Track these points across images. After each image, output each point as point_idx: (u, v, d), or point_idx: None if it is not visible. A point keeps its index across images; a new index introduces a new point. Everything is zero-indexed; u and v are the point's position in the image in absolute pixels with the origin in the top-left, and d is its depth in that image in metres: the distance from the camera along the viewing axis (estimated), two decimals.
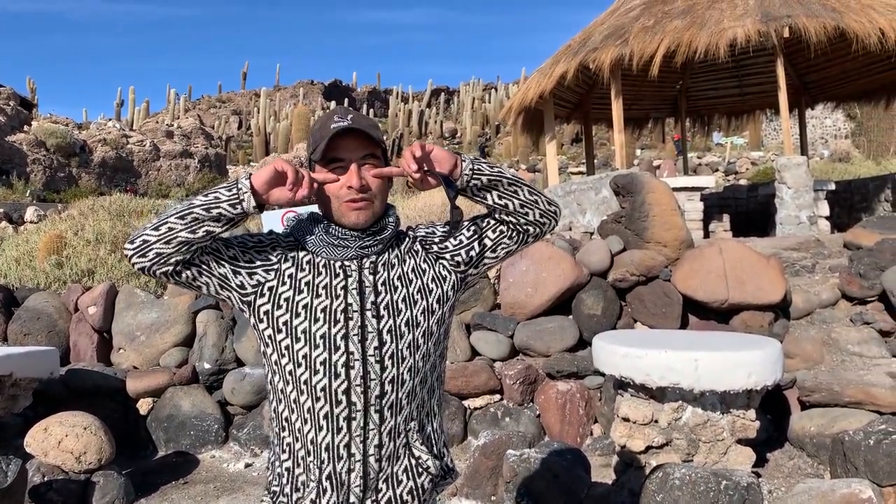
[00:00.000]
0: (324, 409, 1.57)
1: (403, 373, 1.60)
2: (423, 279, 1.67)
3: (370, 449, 1.58)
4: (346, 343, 1.57)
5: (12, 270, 7.30)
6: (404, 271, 1.66)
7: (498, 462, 4.22)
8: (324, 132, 1.57)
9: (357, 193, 1.57)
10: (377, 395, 1.57)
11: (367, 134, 1.57)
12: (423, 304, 1.65)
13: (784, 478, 4.47)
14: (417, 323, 1.63)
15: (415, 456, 1.64)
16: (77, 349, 6.12)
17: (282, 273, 1.62)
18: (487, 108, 47.30)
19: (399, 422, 1.61)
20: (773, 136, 32.49)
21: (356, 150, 1.57)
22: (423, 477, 1.65)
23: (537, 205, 1.66)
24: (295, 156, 13.35)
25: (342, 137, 1.56)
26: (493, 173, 1.61)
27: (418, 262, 1.69)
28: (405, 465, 1.62)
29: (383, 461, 1.60)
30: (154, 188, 20.57)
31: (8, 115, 19.84)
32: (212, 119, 48.93)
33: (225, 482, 4.95)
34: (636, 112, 14.16)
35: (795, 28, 9.15)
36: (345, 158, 1.57)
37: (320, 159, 1.58)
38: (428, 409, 1.70)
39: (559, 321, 5.61)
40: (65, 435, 4.55)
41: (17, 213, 13.28)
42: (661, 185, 6.19)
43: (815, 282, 6.17)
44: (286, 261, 1.64)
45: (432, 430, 1.71)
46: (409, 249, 1.70)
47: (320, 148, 1.56)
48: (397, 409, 1.60)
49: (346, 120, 1.56)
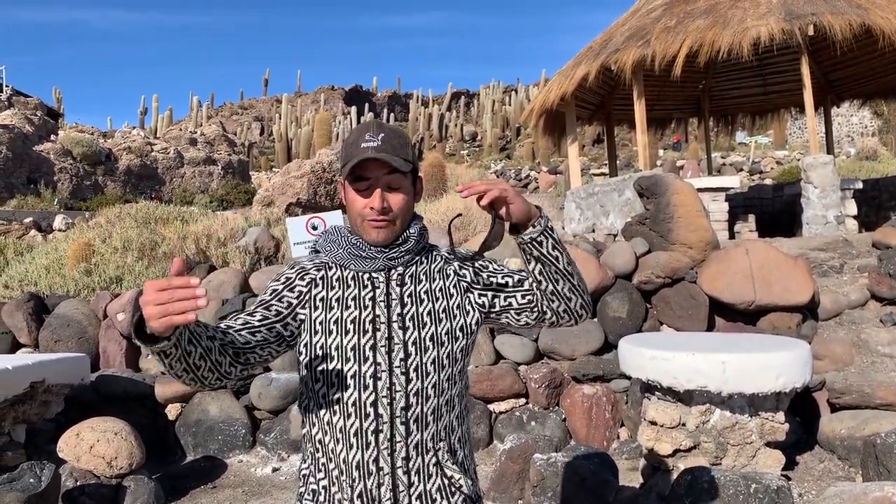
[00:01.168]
0: (354, 425, 1.61)
1: (427, 387, 1.63)
2: (450, 302, 1.70)
3: (398, 461, 1.61)
4: (374, 354, 1.61)
5: (42, 278, 7.42)
6: (431, 288, 1.69)
7: (524, 466, 4.22)
8: (354, 150, 1.60)
9: (378, 214, 1.61)
10: (402, 406, 1.61)
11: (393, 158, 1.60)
12: (448, 324, 1.67)
13: (814, 481, 4.42)
14: (442, 342, 1.65)
15: (447, 475, 1.66)
16: (106, 355, 6.21)
17: (313, 299, 1.67)
18: (508, 110, 47.24)
19: (426, 438, 1.63)
20: (797, 134, 32.14)
21: (382, 170, 1.61)
22: (457, 496, 1.67)
23: (583, 294, 1.72)
24: (317, 161, 13.41)
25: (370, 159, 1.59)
26: (559, 244, 1.65)
27: (447, 285, 1.71)
28: (438, 484, 1.65)
29: (412, 475, 1.62)
30: (178, 195, 20.79)
31: (35, 125, 20.16)
32: (234, 126, 49.36)
33: (253, 486, 4.99)
34: (659, 112, 14.07)
35: (820, 26, 9.05)
36: (371, 177, 1.61)
37: (348, 175, 1.61)
38: (458, 436, 1.72)
39: (584, 324, 5.60)
40: (96, 440, 4.61)
41: (46, 222, 13.49)
42: (686, 186, 6.15)
43: (844, 282, 6.10)
44: (315, 286, 1.68)
45: (464, 456, 1.74)
46: (441, 269, 1.73)
47: (347, 168, 1.60)
48: (423, 423, 1.63)
49: (377, 139, 1.60)
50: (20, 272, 7.75)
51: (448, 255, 1.76)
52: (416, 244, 1.70)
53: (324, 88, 56.96)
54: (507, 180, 25.53)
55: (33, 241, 11.19)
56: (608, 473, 3.93)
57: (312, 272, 1.70)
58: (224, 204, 18.95)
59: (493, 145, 41.66)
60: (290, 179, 13.08)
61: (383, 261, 1.66)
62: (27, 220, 13.26)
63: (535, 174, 26.49)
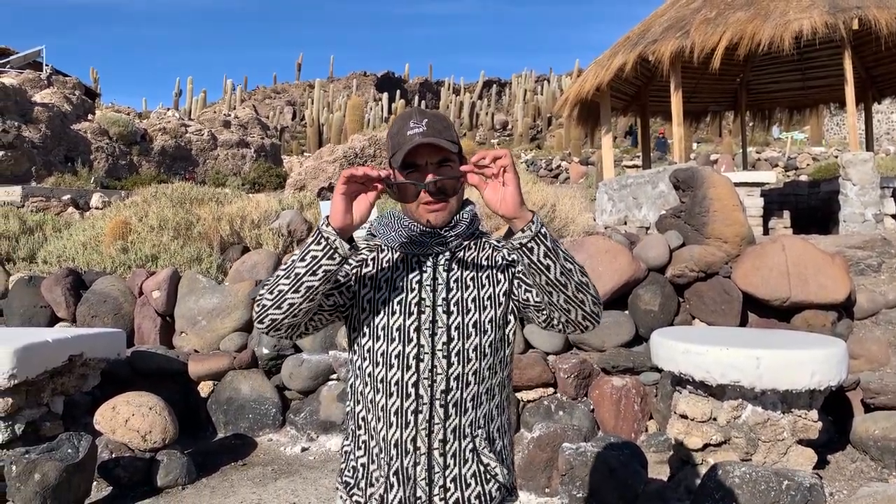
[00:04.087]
0: (395, 404, 1.64)
1: (468, 373, 1.65)
2: (496, 289, 1.70)
3: (434, 443, 1.63)
4: (417, 336, 1.64)
5: (80, 255, 7.55)
6: (478, 276, 1.70)
7: (553, 455, 4.23)
8: (401, 139, 1.62)
9: (433, 197, 1.63)
10: (442, 389, 1.63)
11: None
12: (492, 313, 1.68)
13: (846, 481, 4.37)
14: (485, 330, 1.67)
15: (483, 462, 1.67)
16: (141, 332, 6.32)
17: (363, 277, 1.70)
18: (539, 99, 46.95)
19: (464, 423, 1.65)
20: (835, 130, 31.56)
21: (432, 155, 1.62)
22: (491, 484, 1.68)
23: (583, 305, 1.57)
24: (350, 146, 13.46)
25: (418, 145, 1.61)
26: (552, 251, 1.50)
27: (494, 273, 1.71)
28: (473, 470, 1.66)
29: (448, 457, 1.64)
30: (211, 176, 20.97)
31: (73, 104, 20.45)
32: (267, 109, 49.65)
33: (282, 465, 5.06)
34: (695, 105, 13.89)
35: (865, 19, 8.86)
36: (421, 164, 1.62)
37: (400, 165, 1.63)
38: (498, 425, 1.73)
39: (615, 316, 5.58)
40: (131, 414, 4.71)
41: (83, 199, 13.71)
42: (723, 180, 6.08)
43: (882, 281, 6.01)
44: (366, 266, 1.72)
45: (503, 446, 1.75)
46: (490, 257, 1.73)
47: (398, 156, 1.61)
48: (461, 408, 1.65)
49: (422, 125, 1.61)
50: (58, 248, 7.89)
51: (497, 244, 1.75)
52: (466, 228, 1.71)
53: (356, 74, 57.01)
54: (537, 170, 25.41)
55: (71, 218, 11.39)
56: (638, 465, 3.93)
57: (364, 252, 1.74)
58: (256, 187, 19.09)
59: (524, 135, 41.44)
60: (323, 164, 13.16)
61: (433, 244, 1.67)
62: (65, 197, 13.49)
63: (565, 164, 26.32)
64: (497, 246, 1.75)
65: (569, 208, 7.38)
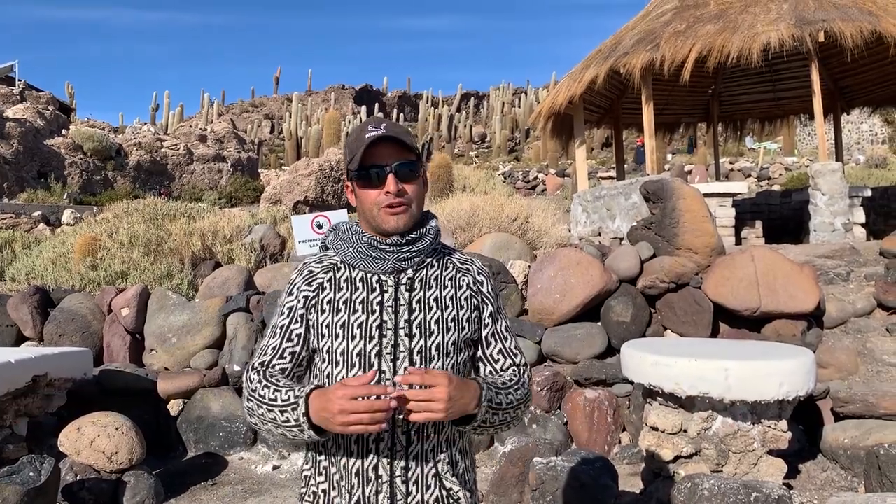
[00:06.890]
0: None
1: None
2: (459, 313, 1.67)
3: (396, 470, 1.60)
4: (379, 361, 1.60)
5: (49, 272, 7.45)
6: (441, 295, 1.67)
7: (524, 469, 4.20)
8: (359, 142, 1.60)
9: (395, 198, 1.60)
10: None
11: (400, 141, 1.61)
12: (455, 335, 1.65)
13: (816, 490, 4.39)
14: (447, 353, 1.64)
15: (446, 487, 1.65)
16: (110, 350, 6.22)
17: (320, 302, 1.65)
18: (517, 112, 47.25)
19: (426, 449, 1.62)
20: (807, 140, 31.99)
21: (391, 157, 1.61)
22: None
23: (515, 422, 1.75)
24: (325, 160, 13.43)
25: (377, 146, 1.59)
26: (499, 407, 1.62)
27: (458, 295, 1.69)
28: (436, 496, 1.64)
29: (410, 484, 1.61)
30: (188, 191, 20.85)
31: (47, 120, 20.25)
32: (244, 123, 49.50)
33: (253, 484, 4.99)
34: (667, 117, 14.03)
35: (831, 32, 8.99)
36: (381, 164, 1.60)
37: (358, 168, 1.61)
38: (460, 447, 1.71)
39: (587, 328, 5.58)
40: (97, 435, 4.62)
41: (55, 216, 13.55)
42: (692, 191, 6.12)
43: (850, 290, 6.06)
44: (323, 289, 1.66)
45: (464, 468, 1.72)
46: (453, 278, 1.71)
47: (357, 156, 1.59)
48: (423, 434, 1.61)
49: (380, 129, 1.60)
50: (27, 265, 7.77)
51: (461, 265, 1.74)
52: (429, 244, 1.68)
53: (334, 88, 57.07)
54: (514, 182, 25.52)
55: (41, 234, 11.24)
56: (608, 478, 3.91)
57: (320, 276, 1.68)
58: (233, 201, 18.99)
59: (502, 147, 41.63)
60: (298, 178, 13.11)
61: (394, 261, 1.63)
62: (36, 213, 13.33)
63: (542, 176, 26.49)
64: (460, 267, 1.72)
65: (542, 220, 7.40)
